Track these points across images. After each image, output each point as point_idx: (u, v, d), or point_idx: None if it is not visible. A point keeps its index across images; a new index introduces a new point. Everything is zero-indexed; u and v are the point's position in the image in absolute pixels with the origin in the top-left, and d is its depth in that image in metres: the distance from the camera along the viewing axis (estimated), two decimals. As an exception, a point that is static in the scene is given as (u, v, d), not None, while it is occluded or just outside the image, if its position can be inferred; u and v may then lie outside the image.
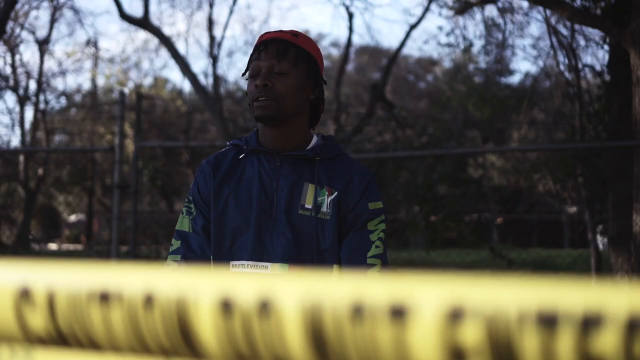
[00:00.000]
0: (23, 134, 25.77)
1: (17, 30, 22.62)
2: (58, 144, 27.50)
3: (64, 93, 26.74)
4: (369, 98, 17.01)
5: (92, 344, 0.64)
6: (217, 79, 19.68)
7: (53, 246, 33.05)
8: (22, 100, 24.91)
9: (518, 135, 19.29)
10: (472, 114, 24.87)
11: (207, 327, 0.59)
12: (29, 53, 42.46)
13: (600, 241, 11.26)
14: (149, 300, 0.61)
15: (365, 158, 7.23)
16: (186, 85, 30.78)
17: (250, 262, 2.22)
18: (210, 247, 2.32)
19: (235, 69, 40.27)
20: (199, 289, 0.59)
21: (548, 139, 17.37)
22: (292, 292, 0.58)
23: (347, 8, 17.36)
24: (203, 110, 20.86)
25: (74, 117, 27.06)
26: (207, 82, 20.44)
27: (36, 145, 24.99)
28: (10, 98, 44.32)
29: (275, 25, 44.00)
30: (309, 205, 2.22)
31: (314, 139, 2.36)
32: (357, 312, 0.57)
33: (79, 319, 0.63)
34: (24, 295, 0.66)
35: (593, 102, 10.54)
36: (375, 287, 0.57)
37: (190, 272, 0.61)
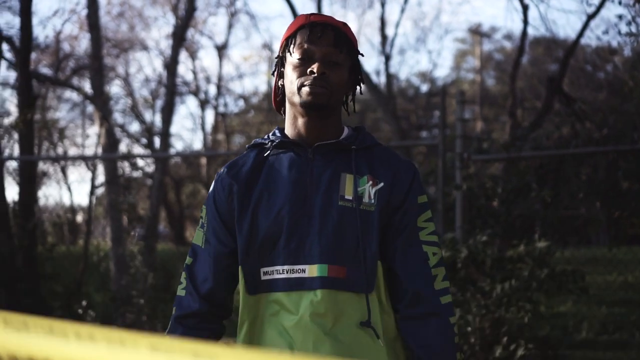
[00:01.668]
0: (204, 137, 26.89)
1: (197, 36, 23.61)
2: (237, 145, 28.45)
3: (241, 96, 27.67)
4: (545, 91, 16.49)
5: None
6: (390, 77, 19.72)
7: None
8: (203, 104, 25.98)
9: None
10: (657, 104, 23.51)
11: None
12: (208, 58, 44.25)
13: None
14: None
15: (545, 155, 6.98)
16: (358, 84, 31.16)
17: (285, 267, 2.02)
18: (220, 262, 2.13)
19: (407, 67, 40.22)
20: None
21: None
22: None
23: (521, 0, 16.91)
24: (375, 108, 20.95)
25: (251, 119, 27.91)
26: (379, 80, 20.54)
27: (217, 147, 25.96)
28: (192, 102, 46.32)
29: (446, 21, 43.52)
30: (349, 196, 2.04)
31: (346, 130, 2.19)
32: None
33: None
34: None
35: None
36: None
37: None
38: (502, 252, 6.03)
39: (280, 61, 2.18)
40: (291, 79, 2.09)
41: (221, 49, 24.64)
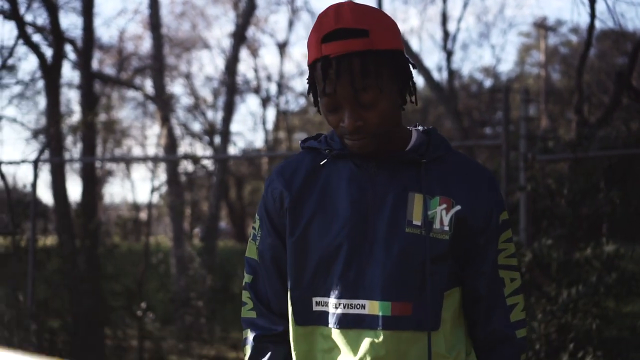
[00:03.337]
0: (266, 134, 26.95)
1: (258, 34, 23.69)
2: (298, 142, 28.48)
3: (302, 94, 27.68)
4: (613, 87, 16.06)
5: None
6: (452, 74, 19.46)
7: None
8: (264, 102, 26.05)
9: None
10: None
11: None
12: (269, 56, 44.48)
13: None
14: None
15: (613, 155, 6.75)
16: (419, 81, 31.17)
17: (342, 301, 1.75)
18: (279, 275, 1.89)
19: (469, 62, 39.74)
20: None
21: None
22: None
23: (587, -7, 16.49)
24: (437, 104, 20.72)
25: (312, 117, 27.88)
26: (441, 76, 20.27)
27: (278, 145, 26.02)
28: (253, 101, 46.62)
29: (510, 15, 42.84)
30: (417, 222, 1.74)
31: (414, 135, 1.85)
32: None
33: None
34: None
35: None
36: None
37: None
38: (569, 255, 5.84)
39: (312, 82, 1.81)
40: (329, 122, 1.79)
41: (282, 47, 24.67)
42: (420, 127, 1.91)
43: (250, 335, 1.93)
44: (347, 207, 1.78)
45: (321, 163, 1.86)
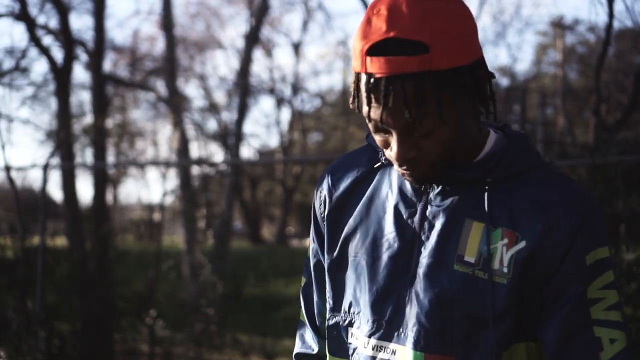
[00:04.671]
0: (280, 135, 26.87)
1: (273, 35, 23.59)
2: (314, 143, 28.37)
3: (318, 94, 27.53)
4: (632, 88, 15.77)
5: None
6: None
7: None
8: (279, 103, 25.95)
9: None
10: None
11: None
12: (284, 57, 44.40)
13: None
14: None
15: (633, 160, 6.57)
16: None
17: (372, 341, 1.44)
18: (320, 287, 1.61)
19: (486, 62, 39.52)
20: None
21: None
22: None
23: (605, -9, 16.24)
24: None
25: (327, 116, 27.75)
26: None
27: (292, 145, 25.92)
28: (267, 101, 46.57)
29: (526, 14, 42.51)
30: (470, 258, 1.36)
31: (491, 139, 1.45)
32: None
33: None
34: None
35: None
36: None
37: None
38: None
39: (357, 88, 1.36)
40: (376, 141, 1.42)
41: (297, 47, 24.56)
42: (502, 128, 1.49)
43: (295, 349, 1.70)
44: (391, 228, 1.45)
45: (375, 166, 1.52)
